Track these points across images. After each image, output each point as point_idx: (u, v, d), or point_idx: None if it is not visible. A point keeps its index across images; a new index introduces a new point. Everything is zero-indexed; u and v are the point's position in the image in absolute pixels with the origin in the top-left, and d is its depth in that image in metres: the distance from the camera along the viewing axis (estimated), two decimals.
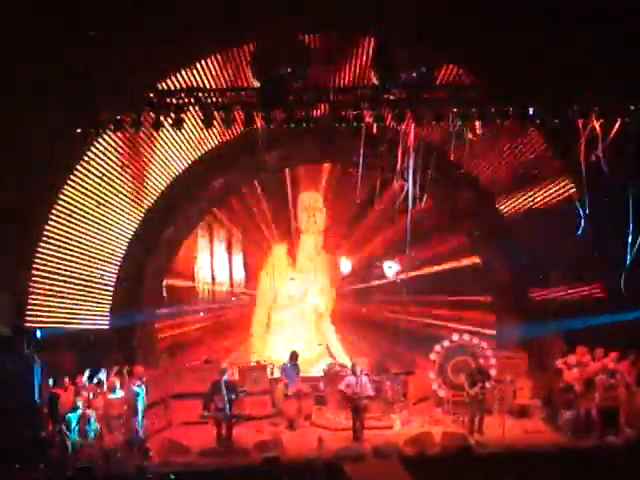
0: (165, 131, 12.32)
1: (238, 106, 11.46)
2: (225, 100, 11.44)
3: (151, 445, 11.65)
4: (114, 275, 14.06)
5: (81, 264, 13.52)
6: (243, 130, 12.81)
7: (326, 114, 11.83)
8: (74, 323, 13.37)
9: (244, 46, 12.49)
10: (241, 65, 12.60)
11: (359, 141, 12.40)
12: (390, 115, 11.83)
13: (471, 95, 11.90)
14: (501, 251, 15.30)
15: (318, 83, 12.06)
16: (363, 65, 12.76)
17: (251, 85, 11.64)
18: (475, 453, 11.36)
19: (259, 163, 13.80)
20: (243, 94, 11.55)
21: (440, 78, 12.55)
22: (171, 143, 13.60)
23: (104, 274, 13.89)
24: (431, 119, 11.81)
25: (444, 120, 11.90)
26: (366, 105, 11.56)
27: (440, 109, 11.70)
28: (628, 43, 11.79)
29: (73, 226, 13.21)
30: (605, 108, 11.64)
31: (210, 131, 13.02)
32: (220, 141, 14.09)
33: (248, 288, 16.19)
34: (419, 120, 11.77)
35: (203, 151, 14.17)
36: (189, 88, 11.92)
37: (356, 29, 12.58)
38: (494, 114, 11.81)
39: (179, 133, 12.77)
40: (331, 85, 12.64)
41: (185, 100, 11.40)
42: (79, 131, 11.50)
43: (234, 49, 12.66)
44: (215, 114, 11.46)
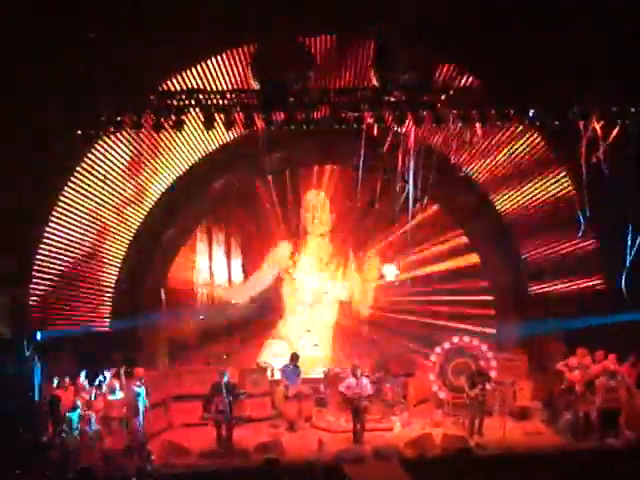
0: (165, 132, 12.30)
1: (238, 108, 11.46)
2: (225, 102, 11.42)
3: (151, 447, 11.64)
4: (114, 277, 14.06)
5: (81, 266, 13.53)
6: (244, 132, 12.80)
7: (326, 116, 11.81)
8: (74, 325, 13.37)
9: (244, 48, 12.48)
10: (242, 67, 12.60)
11: (359, 143, 12.39)
12: (391, 117, 11.82)
13: (471, 97, 11.88)
14: (501, 251, 15.31)
15: (318, 85, 12.04)
16: (363, 67, 12.76)
17: (251, 87, 11.64)
18: (475, 455, 11.36)
19: (259, 165, 13.78)
20: (244, 96, 11.51)
21: (440, 80, 12.54)
22: (172, 144, 13.59)
23: (104, 276, 13.88)
24: (431, 121, 11.81)
25: (444, 122, 11.91)
26: (366, 107, 11.55)
27: (440, 111, 11.69)
28: (628, 44, 11.77)
29: (74, 227, 13.20)
30: (605, 110, 11.64)
31: (211, 133, 12.99)
32: (221, 143, 14.08)
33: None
34: (419, 122, 11.76)
35: (204, 153, 14.16)
36: (189, 90, 11.90)
37: (356, 30, 12.55)
38: (494, 116, 11.82)
39: (179, 134, 12.76)
40: (331, 87, 12.63)
41: (185, 102, 11.38)
42: (79, 132, 11.48)
43: (234, 50, 12.66)
44: (216, 116, 11.46)
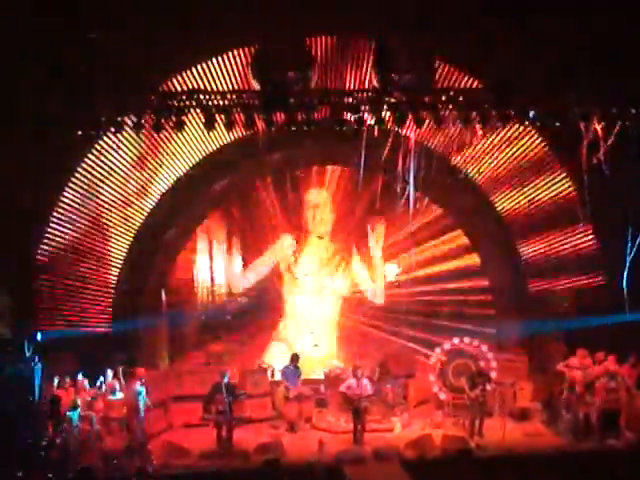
0: (166, 133, 12.30)
1: (239, 108, 11.46)
2: (226, 102, 11.42)
3: (151, 447, 11.62)
4: (115, 277, 14.06)
5: (82, 266, 13.53)
6: (244, 133, 12.80)
7: (327, 117, 11.82)
8: (75, 325, 13.38)
9: (245, 48, 12.48)
10: (242, 67, 12.59)
11: (360, 144, 12.39)
12: (391, 118, 11.82)
13: (472, 98, 11.88)
14: (501, 251, 15.31)
15: (319, 85, 12.04)
16: (364, 67, 12.76)
17: (252, 87, 11.64)
18: (475, 456, 11.35)
19: (260, 166, 13.78)
20: (244, 96, 11.51)
21: (441, 81, 12.54)
22: (172, 145, 13.59)
23: (105, 276, 13.88)
24: (432, 122, 11.81)
25: (445, 123, 11.91)
26: (367, 108, 11.56)
27: (441, 112, 11.69)
28: (628, 44, 11.77)
29: (74, 228, 13.21)
30: (606, 111, 11.64)
31: (211, 133, 12.99)
32: (221, 143, 14.08)
33: (247, 290, 16.20)
34: (420, 123, 11.77)
35: (204, 153, 14.15)
36: (190, 90, 11.91)
37: (356, 31, 12.55)
38: (495, 117, 11.83)
39: (180, 135, 12.76)
40: (332, 88, 12.63)
41: (186, 102, 11.39)
42: (80, 133, 11.48)
43: (235, 51, 12.66)
44: (216, 116, 11.45)
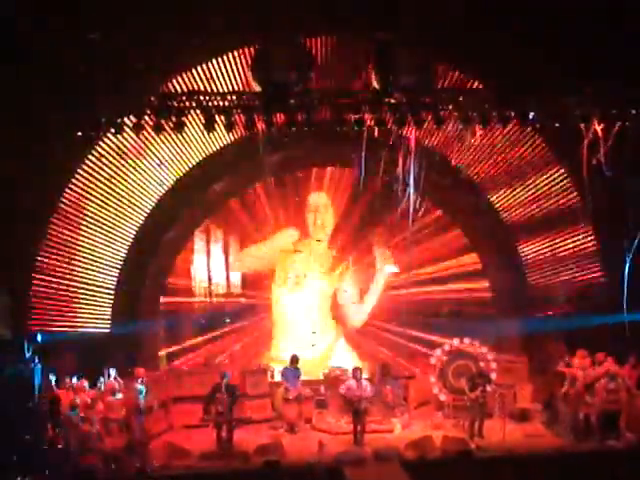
0: (166, 134, 12.30)
1: (239, 109, 11.46)
2: (226, 103, 11.42)
3: (152, 448, 11.61)
4: (115, 278, 14.06)
5: (82, 267, 13.55)
6: (244, 134, 12.80)
7: (327, 118, 11.82)
8: (75, 326, 13.37)
9: (245, 49, 12.48)
10: (242, 68, 12.59)
11: (360, 145, 12.39)
12: (391, 119, 11.82)
13: (472, 99, 11.89)
14: (501, 251, 15.31)
15: (319, 86, 12.05)
16: (364, 68, 12.75)
17: (252, 88, 11.64)
18: (476, 457, 11.33)
19: (260, 167, 13.77)
20: (244, 97, 11.50)
21: (441, 82, 12.54)
22: (172, 146, 13.59)
23: (105, 277, 13.88)
24: (432, 123, 11.82)
25: (445, 124, 11.91)
26: (367, 109, 11.56)
27: (441, 113, 11.70)
28: (628, 45, 11.77)
29: (74, 229, 13.21)
30: (606, 112, 11.64)
31: (211, 134, 12.98)
32: (221, 144, 14.07)
33: (245, 290, 16.17)
34: (420, 124, 11.77)
35: (204, 154, 14.14)
36: (190, 91, 11.91)
37: (356, 32, 12.56)
38: (495, 118, 11.83)
39: (180, 136, 12.75)
40: (332, 88, 12.63)
41: (186, 103, 11.39)
42: (80, 134, 11.49)
43: (235, 52, 12.66)
44: (216, 117, 11.46)
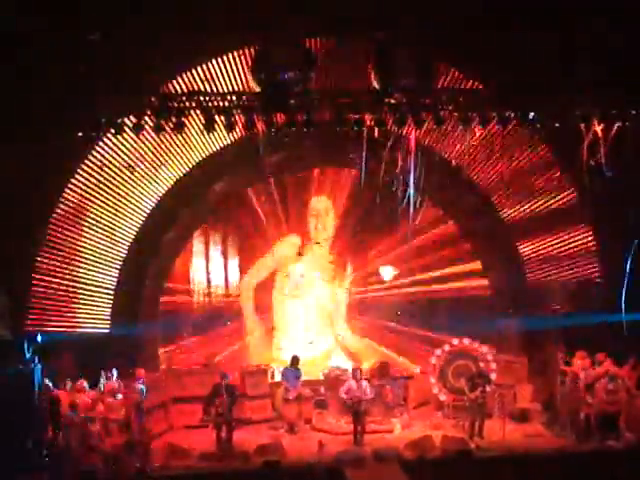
0: (166, 134, 12.30)
1: (239, 110, 11.46)
2: (226, 104, 11.42)
3: (152, 448, 11.60)
4: (114, 278, 14.05)
5: (82, 267, 13.52)
6: (244, 134, 12.81)
7: (327, 118, 11.82)
8: (74, 327, 13.37)
9: (245, 49, 12.49)
10: (242, 68, 12.60)
11: (360, 145, 12.40)
12: (391, 119, 11.83)
13: (472, 99, 11.89)
14: (501, 252, 15.33)
15: (319, 87, 12.05)
16: (364, 68, 12.76)
17: (252, 89, 11.64)
18: (475, 457, 11.37)
19: (260, 168, 13.78)
20: (244, 98, 11.51)
21: (441, 82, 12.55)
22: (172, 146, 13.59)
23: (105, 277, 13.89)
24: (432, 123, 11.83)
25: (445, 124, 11.92)
26: (367, 109, 11.56)
27: (441, 113, 11.70)
28: (628, 45, 11.78)
29: (74, 229, 13.21)
30: (606, 112, 11.64)
31: (211, 135, 12.98)
32: (221, 145, 14.06)
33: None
34: (420, 124, 11.78)
35: (204, 155, 14.13)
36: (190, 91, 11.92)
37: (357, 32, 12.56)
38: (495, 118, 11.84)
39: (180, 136, 12.76)
40: (332, 89, 12.64)
41: (186, 104, 11.39)
42: (80, 134, 11.50)
43: (235, 52, 12.66)
44: (216, 118, 11.46)
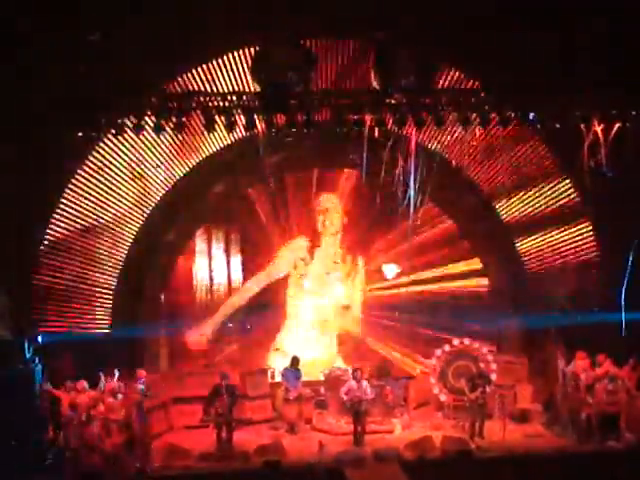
0: (167, 134, 12.31)
1: (239, 110, 11.47)
2: (226, 104, 11.43)
3: (152, 448, 11.61)
4: (115, 279, 14.05)
5: (82, 268, 13.54)
6: (244, 134, 12.81)
7: (327, 118, 11.83)
8: (75, 327, 13.37)
9: (245, 49, 12.49)
10: (243, 69, 12.60)
11: (361, 146, 12.41)
12: (391, 120, 11.83)
13: (472, 100, 11.89)
14: (502, 252, 15.33)
15: (319, 87, 12.05)
16: (364, 69, 12.77)
17: (252, 89, 11.65)
18: (476, 457, 11.36)
19: (259, 168, 13.79)
20: (244, 98, 11.51)
21: (441, 82, 12.56)
22: (172, 147, 13.59)
23: (105, 277, 13.89)
24: (432, 124, 11.83)
25: (445, 125, 11.93)
26: (367, 109, 11.56)
27: (441, 114, 11.70)
28: (628, 45, 11.78)
29: (74, 229, 13.22)
30: (606, 113, 11.65)
31: (212, 135, 12.98)
32: (221, 145, 14.06)
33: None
34: (420, 125, 11.78)
35: (204, 155, 14.13)
36: (190, 92, 11.92)
37: (357, 32, 12.57)
38: (495, 118, 11.84)
39: (180, 136, 12.76)
40: (332, 89, 12.64)
41: (186, 104, 11.40)
42: (80, 134, 11.50)
43: (235, 52, 12.66)
44: (216, 118, 11.46)
